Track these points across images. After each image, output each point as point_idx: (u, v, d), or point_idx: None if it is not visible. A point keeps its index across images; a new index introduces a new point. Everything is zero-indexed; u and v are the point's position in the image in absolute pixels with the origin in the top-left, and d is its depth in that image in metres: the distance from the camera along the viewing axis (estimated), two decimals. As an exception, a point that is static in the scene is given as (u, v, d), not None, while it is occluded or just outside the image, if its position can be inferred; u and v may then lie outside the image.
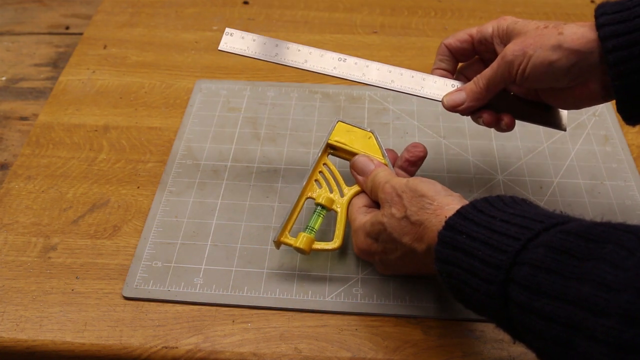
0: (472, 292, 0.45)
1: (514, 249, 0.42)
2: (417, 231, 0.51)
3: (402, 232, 0.52)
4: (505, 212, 0.45)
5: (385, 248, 0.54)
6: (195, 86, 0.82)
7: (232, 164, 0.71)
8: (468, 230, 0.45)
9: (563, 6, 0.97)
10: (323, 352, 0.55)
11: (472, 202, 0.48)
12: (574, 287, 0.38)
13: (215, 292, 0.59)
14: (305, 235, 0.58)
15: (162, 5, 0.97)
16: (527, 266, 0.41)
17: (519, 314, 0.41)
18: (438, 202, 0.50)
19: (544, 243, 0.41)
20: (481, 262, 0.44)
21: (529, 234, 0.42)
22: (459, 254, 0.45)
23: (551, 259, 0.40)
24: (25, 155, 0.73)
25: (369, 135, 0.62)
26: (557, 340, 0.38)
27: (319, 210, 0.60)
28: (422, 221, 0.50)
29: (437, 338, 0.56)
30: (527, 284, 0.40)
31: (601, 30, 0.52)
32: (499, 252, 0.43)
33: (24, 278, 0.61)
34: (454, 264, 0.46)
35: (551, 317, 0.38)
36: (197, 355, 0.55)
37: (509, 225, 0.44)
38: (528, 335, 0.41)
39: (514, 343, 0.44)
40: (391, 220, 0.52)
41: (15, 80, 0.85)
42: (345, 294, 0.59)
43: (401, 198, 0.52)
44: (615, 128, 0.75)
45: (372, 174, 0.58)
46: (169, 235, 0.64)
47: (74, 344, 0.56)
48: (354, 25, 0.93)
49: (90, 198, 0.68)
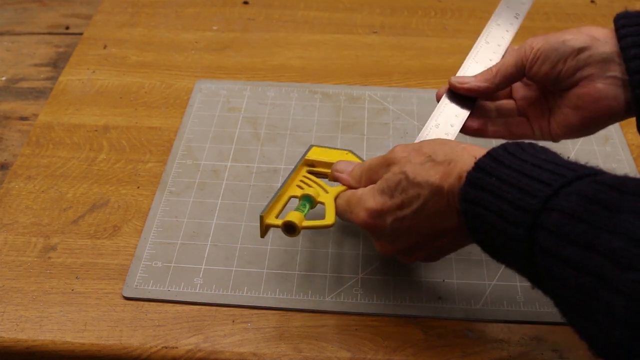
0: (497, 235, 0.44)
1: (545, 194, 0.41)
2: (445, 168, 0.48)
3: (428, 172, 0.49)
4: (537, 157, 0.44)
5: (402, 201, 0.50)
6: (195, 86, 0.82)
7: (232, 164, 0.71)
8: (498, 173, 0.44)
9: (563, 6, 0.97)
10: (323, 352, 0.55)
11: (504, 145, 0.47)
12: (604, 238, 0.37)
13: (215, 292, 0.59)
14: (294, 212, 0.54)
15: (162, 5, 0.97)
16: (557, 213, 0.40)
17: (545, 260, 0.40)
18: (464, 144, 0.50)
19: (576, 191, 0.40)
20: (510, 205, 0.43)
21: (561, 180, 0.42)
22: (487, 195, 0.44)
23: (583, 208, 0.39)
24: (25, 155, 0.73)
25: (346, 153, 0.61)
26: (581, 289, 0.38)
27: (303, 201, 0.57)
28: (452, 158, 0.48)
29: (437, 338, 0.56)
30: (556, 231, 0.40)
31: (623, 40, 0.53)
32: (529, 195, 0.42)
33: (24, 278, 0.61)
34: (481, 204, 0.45)
35: (577, 266, 0.38)
36: (197, 355, 0.55)
37: (541, 171, 0.43)
38: (550, 282, 0.41)
39: (533, 289, 0.44)
40: (413, 167, 0.50)
41: (15, 80, 0.85)
42: (345, 294, 0.59)
43: (420, 149, 0.51)
44: (615, 128, 0.75)
45: (357, 165, 0.57)
46: (169, 235, 0.64)
47: (74, 344, 0.56)
48: (354, 25, 0.93)
49: (90, 198, 0.68)
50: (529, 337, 0.56)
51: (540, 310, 0.58)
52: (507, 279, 0.60)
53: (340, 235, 0.64)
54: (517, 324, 0.57)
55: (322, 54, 0.87)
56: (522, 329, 0.57)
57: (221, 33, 0.91)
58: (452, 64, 0.86)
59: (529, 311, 0.58)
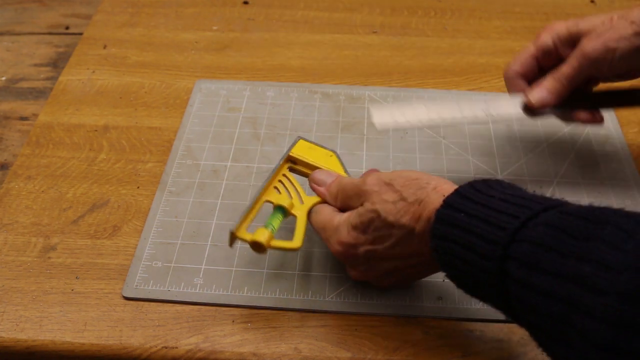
0: (468, 269, 0.45)
1: (514, 226, 0.42)
2: (416, 209, 0.49)
3: (399, 213, 0.50)
4: (503, 192, 0.46)
5: (375, 237, 0.52)
6: (195, 86, 0.82)
7: (232, 164, 0.71)
8: (466, 209, 0.45)
9: (563, 6, 0.97)
10: (323, 352, 0.55)
11: (471, 182, 0.48)
12: (573, 265, 0.38)
13: (215, 292, 0.59)
14: (264, 230, 0.54)
15: (162, 5, 0.97)
16: (526, 243, 0.41)
17: (517, 290, 0.41)
18: (435, 182, 0.50)
19: (543, 222, 0.41)
20: (479, 238, 0.43)
21: (528, 212, 0.42)
22: (457, 230, 0.45)
23: (551, 236, 0.40)
24: (25, 155, 0.73)
25: (330, 154, 0.61)
26: (554, 317, 0.38)
27: (277, 212, 0.57)
28: (422, 199, 0.49)
29: (437, 338, 0.56)
30: (526, 260, 0.40)
31: None
32: (497, 228, 0.43)
33: (24, 278, 0.61)
34: (451, 240, 0.45)
35: (549, 293, 0.39)
36: (197, 355, 0.55)
37: (508, 205, 0.44)
38: (524, 312, 0.42)
39: (507, 321, 0.44)
40: (385, 206, 0.51)
41: (15, 80, 0.85)
42: (345, 294, 0.59)
43: (391, 185, 0.52)
44: (615, 128, 0.75)
45: (335, 180, 0.57)
46: (169, 235, 0.64)
47: (74, 344, 0.56)
48: (354, 25, 0.93)
49: (90, 198, 0.68)
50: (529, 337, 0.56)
51: (540, 310, 0.58)
52: (507, 279, 0.60)
53: (340, 235, 0.64)
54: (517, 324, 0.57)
55: (322, 54, 0.87)
56: (522, 329, 0.56)
57: (221, 33, 0.91)
58: (452, 64, 0.86)
59: (529, 311, 0.58)
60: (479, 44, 0.89)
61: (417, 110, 0.62)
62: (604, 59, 0.58)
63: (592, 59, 0.58)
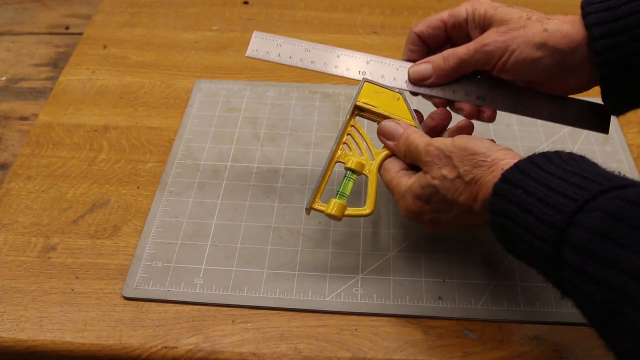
0: (524, 247, 0.45)
1: (570, 209, 0.42)
2: (472, 190, 0.50)
3: (457, 192, 0.51)
4: (563, 169, 0.45)
5: (438, 208, 0.53)
6: (195, 86, 0.82)
7: (232, 164, 0.71)
8: (525, 185, 0.45)
9: (563, 6, 0.97)
10: (323, 352, 0.55)
11: (530, 157, 0.47)
12: (627, 256, 0.37)
13: (215, 292, 0.59)
14: (336, 201, 0.57)
15: (162, 5, 0.97)
16: (582, 229, 0.40)
17: (571, 276, 0.41)
18: (492, 157, 0.50)
19: (600, 207, 0.40)
20: (536, 219, 0.43)
21: (586, 195, 0.42)
22: (514, 207, 0.45)
23: (607, 225, 0.39)
24: (25, 155, 0.73)
25: (397, 97, 0.60)
26: (607, 306, 0.38)
27: (349, 175, 0.58)
28: (477, 179, 0.49)
29: (437, 338, 0.56)
30: (581, 248, 0.40)
31: (587, 18, 0.53)
32: (554, 210, 0.42)
33: (24, 278, 0.61)
34: (508, 216, 0.45)
35: (602, 283, 0.38)
36: (197, 355, 0.55)
37: (567, 184, 0.43)
38: (576, 296, 0.41)
39: (562, 299, 0.44)
40: (443, 182, 0.51)
41: (15, 80, 0.85)
42: (345, 294, 0.59)
43: (450, 158, 0.51)
44: (615, 128, 0.75)
45: (402, 137, 0.57)
46: (169, 235, 0.64)
47: (73, 344, 0.56)
48: (354, 25, 0.93)
49: (90, 198, 0.68)
50: (529, 337, 0.56)
51: (540, 310, 0.58)
52: (507, 279, 0.60)
53: (340, 235, 0.64)
54: (517, 324, 0.57)
55: (322, 54, 0.87)
56: (522, 329, 0.57)
57: (221, 33, 0.91)
58: (452, 64, 0.86)
59: (529, 311, 0.58)
60: (479, 44, 0.89)
61: (295, 51, 0.62)
62: (499, 57, 0.55)
63: (488, 52, 0.55)
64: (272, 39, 0.63)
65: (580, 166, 0.45)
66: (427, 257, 0.62)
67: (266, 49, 0.62)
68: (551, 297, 0.59)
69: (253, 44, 0.63)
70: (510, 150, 0.51)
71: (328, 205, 0.57)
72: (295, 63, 0.62)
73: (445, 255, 0.62)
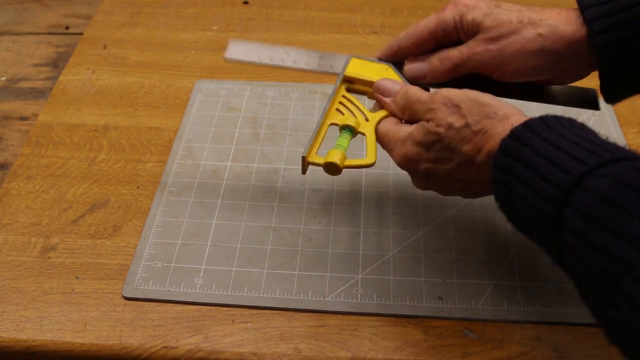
0: (525, 207, 0.43)
1: (579, 171, 0.40)
2: (479, 140, 0.48)
3: (462, 140, 0.49)
4: (575, 134, 0.43)
5: (437, 157, 0.51)
6: (195, 86, 0.82)
7: (232, 164, 0.71)
8: (534, 144, 0.44)
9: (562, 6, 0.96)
10: (323, 352, 0.55)
11: (542, 117, 0.45)
12: (634, 226, 0.37)
13: (215, 292, 0.59)
14: (335, 150, 0.54)
15: (162, 5, 0.97)
16: (589, 193, 0.39)
17: (571, 240, 0.40)
18: (504, 111, 0.48)
19: (611, 174, 0.39)
20: (542, 178, 0.42)
21: (597, 160, 0.41)
22: (520, 165, 0.44)
23: (617, 192, 0.38)
24: (25, 155, 0.73)
25: (386, 67, 0.59)
26: (604, 274, 0.37)
27: (344, 132, 0.56)
28: (487, 129, 0.48)
29: (437, 338, 0.56)
30: (586, 212, 0.39)
31: (586, 12, 0.51)
32: (562, 171, 0.41)
33: (24, 278, 0.61)
34: (513, 174, 0.44)
35: (604, 250, 0.37)
36: (197, 355, 0.55)
37: (578, 148, 0.42)
38: (574, 263, 0.40)
39: (554, 265, 0.43)
40: (449, 131, 0.49)
41: (15, 80, 0.85)
42: (345, 294, 0.59)
43: (459, 107, 0.49)
44: (615, 128, 0.75)
45: (400, 91, 0.55)
46: (169, 235, 0.64)
47: (73, 344, 0.56)
48: (354, 25, 0.93)
49: (90, 198, 0.68)
50: (529, 337, 0.56)
51: (540, 310, 0.58)
52: (507, 279, 0.60)
53: (340, 235, 0.64)
54: (517, 324, 0.57)
55: (322, 54, 0.87)
56: (522, 329, 0.57)
57: (221, 33, 0.91)
58: (452, 64, 0.86)
59: (529, 311, 0.58)
60: (479, 44, 0.89)
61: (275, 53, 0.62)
62: (495, 67, 0.54)
63: (480, 61, 0.54)
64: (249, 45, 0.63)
65: (593, 135, 0.44)
66: (427, 257, 0.62)
67: (245, 51, 0.62)
68: (551, 297, 0.59)
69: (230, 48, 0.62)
70: (519, 109, 0.49)
71: (327, 155, 0.53)
72: (277, 63, 0.61)
73: (445, 255, 0.62)
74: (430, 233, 0.64)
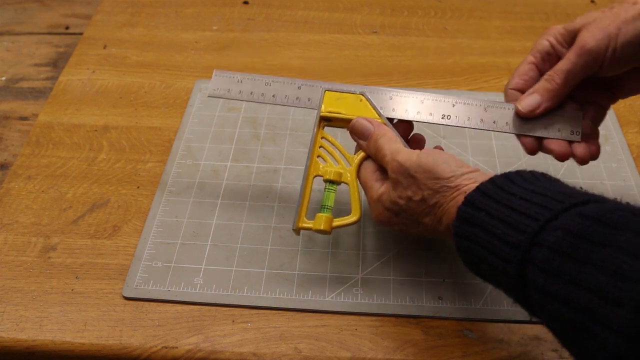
0: (489, 269, 0.45)
1: (533, 229, 0.42)
2: (436, 212, 0.50)
3: (422, 214, 0.51)
4: (525, 188, 0.45)
5: (406, 223, 0.54)
6: (195, 86, 0.82)
7: (232, 164, 0.71)
8: (487, 208, 0.45)
9: (563, 6, 0.97)
10: (323, 352, 0.55)
11: (492, 179, 0.47)
12: (590, 273, 0.37)
13: (215, 292, 0.59)
14: (322, 215, 0.57)
15: (162, 5, 0.97)
16: (545, 249, 0.40)
17: (536, 295, 0.41)
18: (455, 183, 0.50)
19: (562, 226, 0.40)
20: (499, 241, 0.43)
21: (548, 214, 0.42)
22: (478, 230, 0.45)
23: (568, 243, 0.39)
24: (25, 155, 0.73)
25: (360, 98, 0.60)
26: (573, 324, 0.38)
27: (329, 187, 0.58)
28: (441, 204, 0.50)
29: (437, 338, 0.56)
30: (545, 267, 0.40)
31: None
32: (517, 231, 0.42)
33: (24, 278, 0.61)
34: (472, 240, 0.46)
35: (567, 302, 0.38)
36: (197, 355, 0.55)
37: (529, 204, 0.43)
38: (545, 315, 0.41)
39: (530, 319, 0.44)
40: (409, 203, 0.52)
41: (15, 80, 0.85)
42: (345, 294, 0.59)
43: (415, 179, 0.51)
44: (615, 128, 0.75)
45: (372, 138, 0.56)
46: (169, 235, 0.64)
47: (73, 344, 0.56)
48: (354, 25, 0.93)
49: (90, 198, 0.68)
50: (529, 337, 0.56)
51: (540, 310, 0.58)
52: (507, 279, 0.60)
53: (340, 235, 0.64)
54: (517, 324, 0.57)
55: (322, 54, 0.87)
56: (522, 329, 0.57)
57: (221, 33, 0.91)
58: (452, 64, 0.86)
59: (529, 311, 0.58)
60: (479, 44, 0.89)
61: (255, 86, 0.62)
62: (606, 48, 0.52)
63: (592, 50, 0.52)
64: (231, 76, 0.63)
65: (542, 184, 0.45)
66: (427, 257, 0.62)
67: (227, 87, 0.62)
68: (551, 297, 0.59)
69: (213, 82, 0.63)
70: (477, 171, 0.50)
71: (315, 222, 0.57)
72: (257, 99, 0.62)
73: (445, 255, 0.62)
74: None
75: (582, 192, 0.44)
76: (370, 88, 0.61)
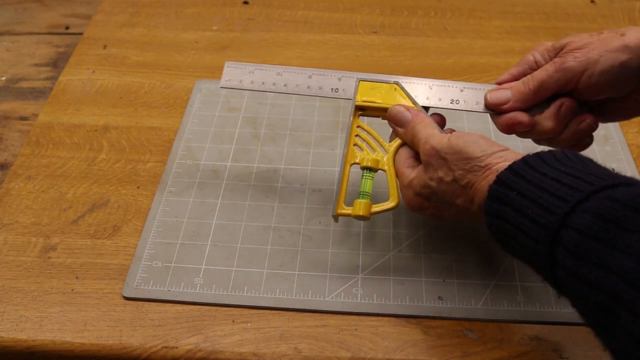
0: (520, 248, 0.45)
1: (563, 210, 0.42)
2: (468, 193, 0.51)
3: (454, 195, 0.52)
4: (556, 169, 0.45)
5: (438, 207, 0.54)
6: (195, 86, 0.82)
7: (232, 164, 0.71)
8: (519, 187, 0.45)
9: (563, 6, 0.97)
10: (323, 352, 0.55)
11: (525, 158, 0.47)
12: (618, 258, 0.38)
13: (215, 292, 0.59)
14: (361, 201, 0.57)
15: (162, 5, 0.97)
16: (574, 231, 0.41)
17: (565, 276, 0.41)
18: (486, 162, 0.50)
19: (591, 209, 0.41)
20: (530, 221, 0.44)
21: (578, 195, 0.42)
22: (509, 209, 0.46)
23: (598, 226, 0.40)
24: (25, 155, 0.73)
25: (394, 87, 0.61)
26: (600, 307, 0.39)
27: (366, 174, 0.58)
28: (472, 183, 0.50)
29: (437, 338, 0.56)
30: (574, 249, 0.41)
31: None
32: (548, 212, 0.43)
33: (24, 278, 0.61)
34: (504, 218, 0.46)
35: (594, 285, 0.39)
36: (197, 355, 0.55)
37: (559, 185, 0.44)
38: (571, 297, 0.42)
39: (559, 298, 0.45)
40: (440, 185, 0.52)
41: (15, 80, 0.85)
42: (345, 294, 0.59)
43: (446, 160, 0.52)
44: (615, 128, 0.75)
45: (409, 125, 0.57)
46: (169, 235, 0.64)
47: (73, 344, 0.56)
48: (354, 25, 0.93)
49: (90, 198, 0.68)
50: (529, 337, 0.56)
51: (540, 310, 0.58)
52: (507, 279, 0.60)
53: (340, 235, 0.64)
54: (517, 323, 0.57)
55: (322, 54, 0.87)
56: (522, 329, 0.57)
57: (221, 33, 0.91)
58: (452, 64, 0.86)
59: (529, 311, 0.58)
60: (479, 44, 0.89)
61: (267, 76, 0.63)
62: (582, 71, 0.54)
63: (569, 69, 0.54)
64: (243, 67, 0.64)
65: (574, 165, 0.46)
66: (427, 257, 0.62)
67: (239, 77, 0.63)
68: (551, 297, 0.59)
69: (225, 73, 0.64)
70: (507, 150, 0.51)
71: (353, 208, 0.57)
72: (269, 88, 0.63)
73: (445, 255, 0.62)
74: (430, 233, 0.64)
75: (614, 173, 0.44)
76: (375, 76, 0.61)
